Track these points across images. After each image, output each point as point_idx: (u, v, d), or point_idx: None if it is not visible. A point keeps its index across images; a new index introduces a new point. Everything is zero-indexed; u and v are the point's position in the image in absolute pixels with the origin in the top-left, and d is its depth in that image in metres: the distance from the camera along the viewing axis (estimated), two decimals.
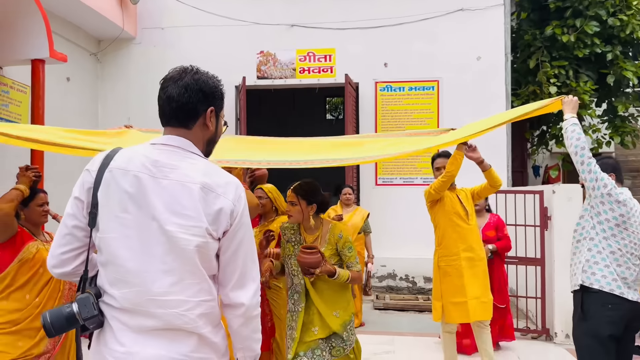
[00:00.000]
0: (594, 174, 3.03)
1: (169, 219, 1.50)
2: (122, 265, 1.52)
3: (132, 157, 1.57)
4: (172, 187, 1.52)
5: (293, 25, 8.07)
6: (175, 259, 1.50)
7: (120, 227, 1.52)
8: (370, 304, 7.05)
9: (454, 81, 7.85)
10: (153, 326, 1.50)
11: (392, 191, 7.95)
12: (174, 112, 1.61)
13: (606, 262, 3.01)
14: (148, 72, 8.29)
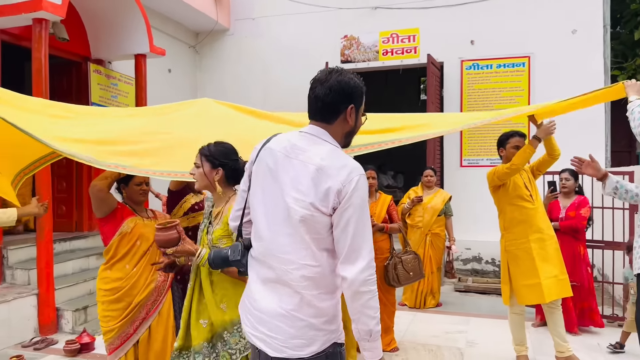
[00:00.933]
0: None
1: (289, 192, 1.78)
2: (257, 223, 1.90)
3: (281, 140, 1.90)
4: (297, 166, 1.79)
5: (376, 7, 8.12)
6: (289, 225, 1.77)
7: (260, 193, 1.89)
8: (452, 286, 7.03)
9: (547, 57, 7.44)
10: (270, 278, 1.82)
11: (477, 172, 7.77)
12: (319, 110, 1.85)
13: None
14: (241, 60, 8.86)
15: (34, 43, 5.05)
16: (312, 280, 1.74)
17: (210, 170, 2.46)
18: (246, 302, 1.91)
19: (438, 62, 7.84)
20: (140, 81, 6.48)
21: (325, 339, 1.78)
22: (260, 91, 8.59)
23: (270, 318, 1.78)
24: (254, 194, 1.91)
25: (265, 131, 2.50)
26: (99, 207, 3.06)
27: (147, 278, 3.09)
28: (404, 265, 4.32)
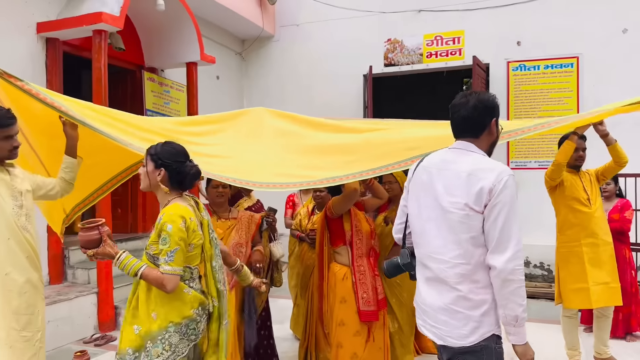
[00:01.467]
0: None
1: (444, 198, 2.04)
2: (415, 231, 2.20)
3: (432, 157, 2.21)
4: (449, 175, 2.07)
5: (420, 10, 8.13)
6: (444, 228, 2.03)
7: (416, 204, 2.19)
8: None
9: (596, 57, 7.26)
10: (430, 277, 2.10)
11: (525, 175, 7.63)
12: (468, 127, 2.14)
13: None
14: (285, 66, 9.03)
15: (94, 53, 5.34)
16: (464, 276, 1.98)
17: (153, 170, 2.36)
18: (416, 299, 2.22)
19: (484, 64, 7.77)
20: (191, 88, 6.72)
21: (485, 331, 1.98)
22: (304, 95, 8.72)
23: (434, 311, 2.07)
24: (412, 207, 2.23)
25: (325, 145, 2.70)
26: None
27: None
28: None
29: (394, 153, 2.99)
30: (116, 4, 5.39)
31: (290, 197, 5.09)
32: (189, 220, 2.28)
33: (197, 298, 2.34)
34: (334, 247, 3.50)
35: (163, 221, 2.23)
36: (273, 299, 4.11)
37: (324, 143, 3.30)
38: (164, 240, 2.21)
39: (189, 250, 2.29)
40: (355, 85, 8.44)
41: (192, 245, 2.30)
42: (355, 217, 3.45)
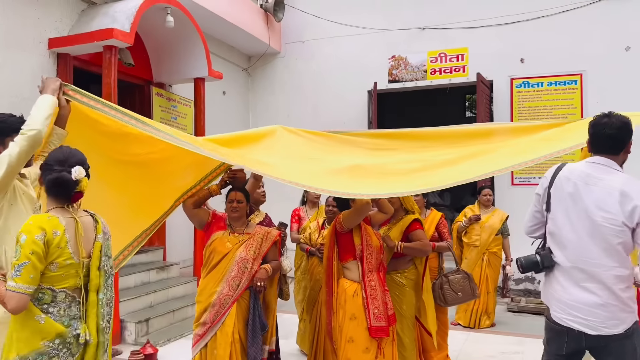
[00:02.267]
0: None
1: (596, 212, 2.39)
2: (564, 236, 2.49)
3: (573, 170, 2.53)
4: (599, 192, 2.42)
5: (424, 28, 8.24)
6: (599, 238, 2.39)
7: (563, 213, 2.50)
8: (505, 306, 6.93)
9: (599, 74, 7.34)
10: (581, 278, 2.43)
11: (529, 191, 7.60)
12: (611, 145, 2.47)
13: None
14: (291, 82, 9.13)
15: (104, 69, 5.41)
16: (618, 278, 2.37)
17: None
18: (563, 297, 2.48)
19: (487, 80, 7.85)
20: (199, 103, 6.80)
21: (631, 319, 2.42)
22: (309, 111, 8.80)
23: (588, 307, 2.41)
24: (556, 214, 2.52)
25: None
26: (192, 221, 3.48)
27: (210, 289, 3.29)
28: (451, 285, 4.20)
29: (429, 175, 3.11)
30: (127, 21, 5.48)
31: (296, 211, 5.12)
32: (52, 234, 1.99)
33: (53, 328, 2.01)
34: (343, 262, 3.52)
35: (20, 231, 1.98)
36: (279, 314, 4.12)
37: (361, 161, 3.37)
38: (16, 251, 1.95)
39: (51, 269, 2.01)
40: (360, 101, 8.52)
41: (55, 264, 2.01)
42: (366, 232, 3.47)
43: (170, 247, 6.97)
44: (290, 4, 9.00)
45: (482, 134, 3.67)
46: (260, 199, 4.06)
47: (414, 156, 3.43)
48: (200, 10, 7.03)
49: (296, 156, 3.43)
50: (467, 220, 5.91)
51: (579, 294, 2.43)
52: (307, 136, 3.73)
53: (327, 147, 3.61)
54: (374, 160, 3.39)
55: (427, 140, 3.66)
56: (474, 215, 5.91)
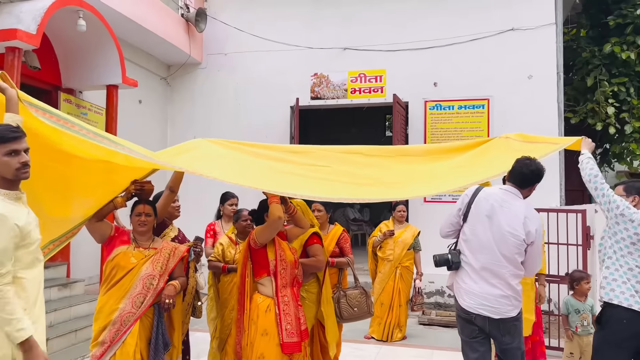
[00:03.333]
0: (607, 197, 3.28)
1: (506, 228, 3.12)
2: (482, 243, 3.14)
3: (491, 194, 3.23)
4: (509, 213, 3.15)
5: (346, 48, 8.46)
6: (503, 247, 3.11)
7: (482, 226, 3.16)
8: (416, 319, 7.15)
9: (505, 100, 7.89)
10: (490, 276, 3.12)
11: (440, 208, 8.02)
12: (524, 180, 3.18)
13: (623, 279, 3.17)
14: (212, 94, 9.00)
15: (6, 72, 5.03)
16: (515, 275, 3.15)
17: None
18: (475, 290, 3.13)
19: (403, 102, 8.17)
20: (111, 112, 6.50)
21: (519, 306, 3.21)
22: (231, 124, 8.69)
23: (494, 297, 3.11)
24: (475, 226, 3.17)
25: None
26: (92, 235, 3.30)
27: (111, 306, 3.14)
28: (347, 300, 4.16)
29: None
30: (33, 22, 5.16)
31: (211, 225, 5.00)
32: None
33: None
34: (257, 279, 3.47)
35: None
36: (191, 332, 3.98)
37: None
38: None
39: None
40: (283, 116, 8.55)
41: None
42: (280, 247, 3.45)
43: (75, 263, 6.55)
44: (213, 15, 8.91)
45: (402, 153, 4.02)
46: (175, 213, 3.91)
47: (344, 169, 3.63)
48: (116, 15, 6.76)
49: (251, 165, 3.54)
50: (382, 235, 6.08)
51: (488, 288, 3.11)
52: (236, 147, 3.72)
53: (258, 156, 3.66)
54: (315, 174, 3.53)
55: (353, 156, 3.78)
56: (388, 230, 6.10)
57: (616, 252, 3.24)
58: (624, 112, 8.39)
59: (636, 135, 8.53)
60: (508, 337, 3.18)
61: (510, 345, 3.20)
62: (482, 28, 7.95)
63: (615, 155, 9.22)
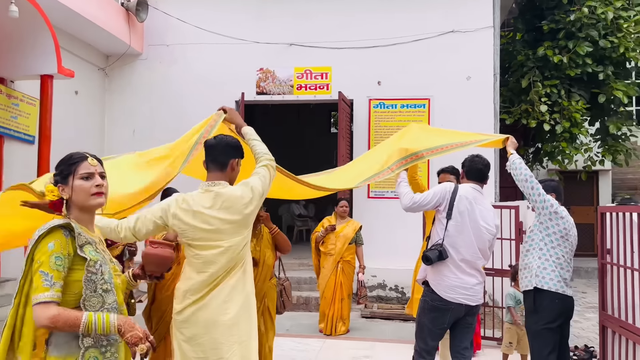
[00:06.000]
0: (542, 195, 3.62)
1: (482, 223, 3.44)
2: (460, 237, 3.39)
3: (466, 191, 3.46)
4: (483, 209, 3.48)
5: (292, 44, 8.45)
6: (479, 239, 3.43)
7: (462, 221, 3.40)
8: (358, 313, 7.30)
9: (444, 100, 8.15)
10: (467, 267, 3.41)
11: (384, 204, 8.23)
12: (481, 176, 3.55)
13: (552, 267, 3.58)
14: (153, 86, 8.75)
15: None
16: (481, 264, 3.51)
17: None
18: (455, 282, 3.38)
19: (348, 99, 8.28)
20: (45, 102, 6.19)
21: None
22: (174, 117, 8.45)
23: (471, 286, 3.41)
24: (458, 223, 3.40)
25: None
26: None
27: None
28: (286, 292, 4.35)
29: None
30: None
31: None
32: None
33: None
34: None
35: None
36: None
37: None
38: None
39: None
40: None
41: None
42: None
43: (6, 262, 6.23)
44: (154, 5, 8.65)
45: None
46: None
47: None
48: (52, 2, 6.45)
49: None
50: (324, 230, 6.19)
51: (467, 278, 3.40)
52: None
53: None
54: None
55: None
56: (330, 225, 6.20)
57: (547, 244, 3.61)
58: (555, 113, 8.86)
59: (566, 135, 9.03)
60: (473, 318, 3.57)
61: (472, 324, 3.59)
62: (424, 29, 8.16)
63: (546, 154, 9.72)
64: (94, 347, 1.92)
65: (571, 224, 3.64)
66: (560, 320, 3.60)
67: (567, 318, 3.67)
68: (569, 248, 3.63)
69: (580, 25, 8.80)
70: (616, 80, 9.04)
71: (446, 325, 3.49)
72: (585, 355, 5.54)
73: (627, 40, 8.96)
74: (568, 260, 3.62)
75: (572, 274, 3.69)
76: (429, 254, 3.39)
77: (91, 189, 2.01)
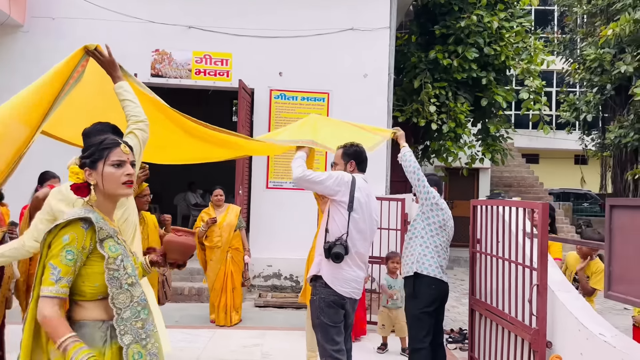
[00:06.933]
0: (426, 188, 3.91)
1: (374, 216, 3.47)
2: (356, 231, 3.32)
3: (361, 183, 3.41)
4: (373, 202, 3.50)
5: (190, 27, 8.21)
6: (370, 233, 3.46)
7: (361, 215, 3.35)
8: (252, 302, 7.33)
9: (342, 95, 8.38)
10: (358, 261, 3.37)
11: (281, 194, 8.31)
12: (365, 166, 3.59)
13: (432, 255, 3.86)
14: (37, 61, 8.02)
15: None
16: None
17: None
18: (351, 275, 3.34)
19: (249, 88, 8.22)
20: None
21: None
22: None
23: (360, 279, 3.41)
24: (358, 216, 3.34)
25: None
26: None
27: None
28: (168, 282, 4.36)
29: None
30: None
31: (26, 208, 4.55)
32: None
33: None
34: None
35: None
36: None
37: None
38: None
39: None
40: None
41: None
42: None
43: None
44: None
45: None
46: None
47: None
48: None
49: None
50: (205, 224, 6.00)
51: (359, 272, 3.38)
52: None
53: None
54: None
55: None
56: (210, 218, 6.01)
57: (427, 233, 3.89)
58: (442, 113, 9.47)
59: (451, 135, 9.69)
60: (353, 315, 3.50)
61: (352, 323, 3.56)
62: (325, 24, 8.32)
63: (434, 151, 10.37)
64: (134, 342, 1.91)
65: (449, 216, 3.95)
66: (436, 305, 3.90)
67: (442, 303, 3.99)
68: (446, 237, 3.95)
69: (468, 32, 9.45)
70: (497, 86, 9.87)
71: (341, 321, 3.36)
72: (459, 337, 6.05)
73: (508, 49, 9.80)
74: (445, 248, 3.94)
75: (448, 262, 4.02)
76: (339, 250, 3.22)
77: (121, 177, 1.98)
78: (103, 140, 2.02)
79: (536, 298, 3.21)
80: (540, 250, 3.21)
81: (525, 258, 3.42)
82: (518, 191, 15.72)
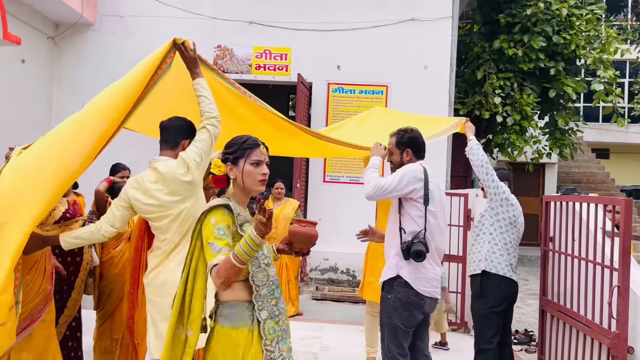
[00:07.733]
0: (495, 182, 3.70)
1: (446, 207, 3.32)
2: (436, 225, 3.10)
3: (430, 173, 3.10)
4: (443, 192, 3.26)
5: (251, 22, 8.30)
6: (445, 226, 3.26)
7: (438, 207, 3.12)
8: (309, 295, 7.36)
9: (401, 87, 8.22)
10: (437, 258, 3.15)
11: (338, 188, 8.28)
12: (424, 152, 3.28)
13: (501, 252, 3.68)
14: (105, 58, 8.40)
15: None
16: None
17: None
18: (430, 274, 3.10)
19: (307, 82, 8.22)
20: None
21: None
22: None
23: (439, 277, 3.17)
24: (436, 209, 3.09)
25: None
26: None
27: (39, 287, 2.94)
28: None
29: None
30: None
31: None
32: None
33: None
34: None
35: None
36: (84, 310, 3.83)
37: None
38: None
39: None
40: None
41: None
42: None
43: None
44: None
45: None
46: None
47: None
48: None
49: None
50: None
51: (437, 269, 3.15)
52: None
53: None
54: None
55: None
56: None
57: (496, 230, 3.70)
58: (507, 105, 9.11)
59: (516, 128, 9.31)
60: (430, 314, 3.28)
61: (429, 321, 3.32)
62: (383, 16, 8.18)
63: (497, 145, 10.01)
64: (270, 318, 2.11)
65: (519, 212, 3.75)
66: (505, 304, 3.72)
67: (511, 302, 3.79)
68: (517, 235, 3.74)
69: (535, 20, 9.02)
70: (566, 77, 9.36)
71: (415, 325, 3.12)
72: (525, 338, 5.81)
73: (578, 38, 9.28)
74: (515, 246, 3.74)
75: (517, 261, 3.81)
76: (419, 248, 2.95)
77: (259, 176, 2.20)
78: (246, 140, 2.22)
79: (617, 300, 3.01)
80: (622, 249, 3.00)
81: (605, 257, 3.20)
82: (587, 187, 14.94)
